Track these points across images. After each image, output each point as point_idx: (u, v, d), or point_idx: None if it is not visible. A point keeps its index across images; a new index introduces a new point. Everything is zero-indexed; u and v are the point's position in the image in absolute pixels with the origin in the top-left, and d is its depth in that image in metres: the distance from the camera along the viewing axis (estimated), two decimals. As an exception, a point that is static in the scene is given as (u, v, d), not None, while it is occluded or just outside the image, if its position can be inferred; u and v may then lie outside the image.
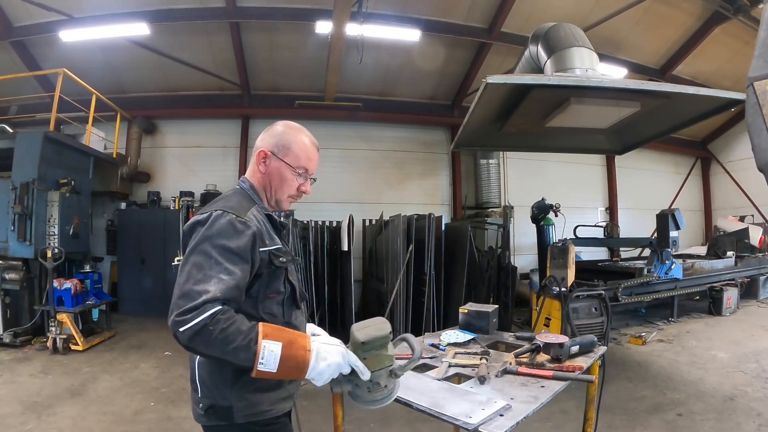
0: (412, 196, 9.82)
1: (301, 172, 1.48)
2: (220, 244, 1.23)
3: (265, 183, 1.49)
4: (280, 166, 1.46)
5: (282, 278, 1.40)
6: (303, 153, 1.48)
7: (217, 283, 1.18)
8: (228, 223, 1.27)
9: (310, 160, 1.50)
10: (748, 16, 7.65)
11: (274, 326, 1.22)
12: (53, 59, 7.78)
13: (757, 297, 8.60)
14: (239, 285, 1.23)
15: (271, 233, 1.42)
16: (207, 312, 1.12)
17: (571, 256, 5.37)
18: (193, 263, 1.22)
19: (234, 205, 1.35)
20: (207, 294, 1.15)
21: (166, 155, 9.43)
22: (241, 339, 1.14)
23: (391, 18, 7.75)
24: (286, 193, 1.49)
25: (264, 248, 1.34)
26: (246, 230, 1.28)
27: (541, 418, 3.51)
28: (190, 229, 1.30)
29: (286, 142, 1.47)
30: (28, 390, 4.39)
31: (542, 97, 4.99)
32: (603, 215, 11.22)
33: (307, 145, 1.49)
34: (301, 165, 1.47)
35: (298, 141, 1.48)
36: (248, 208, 1.37)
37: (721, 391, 4.25)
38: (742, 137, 11.16)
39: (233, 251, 1.24)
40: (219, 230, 1.25)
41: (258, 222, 1.36)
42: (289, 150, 1.46)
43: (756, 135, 1.64)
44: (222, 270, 1.21)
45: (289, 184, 1.48)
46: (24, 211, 6.02)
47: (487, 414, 1.47)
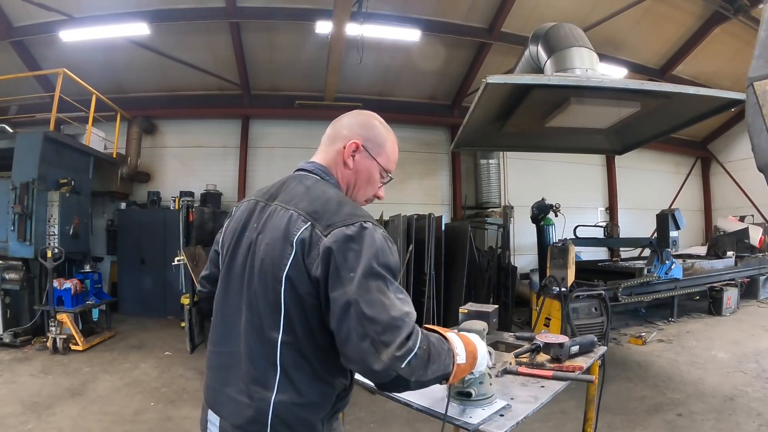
0: (412, 196, 9.81)
1: (385, 177, 1.32)
2: (384, 261, 1.06)
3: (349, 180, 1.29)
4: (372, 166, 1.28)
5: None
6: (393, 155, 1.33)
7: (406, 302, 1.06)
8: (382, 239, 1.09)
9: (395, 164, 1.35)
10: (748, 16, 7.65)
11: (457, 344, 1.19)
12: (53, 59, 7.78)
13: (757, 297, 8.60)
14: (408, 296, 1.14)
15: None
16: (420, 336, 1.03)
17: (571, 256, 5.37)
18: (377, 289, 1.02)
19: (367, 214, 1.15)
20: (411, 318, 1.03)
21: (166, 155, 9.43)
22: (437, 342, 1.10)
23: (391, 18, 7.75)
24: (367, 195, 1.33)
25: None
26: (393, 245, 1.14)
27: (541, 418, 3.51)
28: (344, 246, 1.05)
29: (381, 140, 1.30)
30: (28, 390, 4.39)
31: (542, 97, 4.99)
32: (603, 215, 11.22)
33: (396, 147, 1.35)
34: (390, 168, 1.32)
35: (391, 140, 1.32)
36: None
37: (721, 391, 4.25)
38: (742, 137, 11.16)
39: (396, 268, 1.10)
40: (381, 247, 1.07)
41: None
42: (383, 149, 1.29)
43: (756, 135, 1.64)
44: (396, 288, 1.07)
45: (374, 187, 1.32)
46: (24, 211, 6.02)
47: (487, 414, 1.47)
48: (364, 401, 3.85)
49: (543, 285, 5.71)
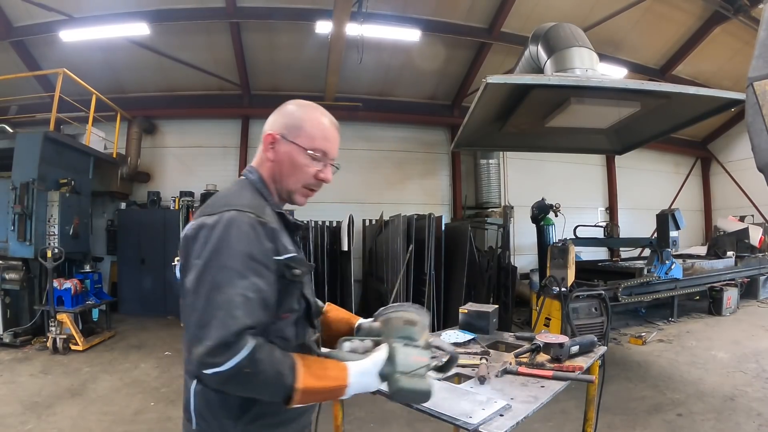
0: (412, 196, 9.82)
1: (317, 156, 1.21)
2: (241, 251, 1.02)
3: (274, 172, 1.23)
4: (291, 150, 1.20)
5: (297, 294, 1.17)
6: (319, 132, 1.22)
7: (245, 305, 0.98)
8: (248, 224, 1.05)
9: (328, 141, 1.23)
10: (748, 16, 7.65)
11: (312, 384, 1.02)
12: (53, 59, 7.78)
13: (757, 297, 8.60)
14: (267, 302, 1.04)
15: (284, 237, 1.18)
16: (243, 353, 0.93)
17: (571, 256, 5.37)
18: (211, 282, 0.99)
19: (248, 202, 1.13)
20: (237, 323, 0.95)
21: (166, 155, 9.43)
22: (276, 379, 0.98)
23: (391, 18, 7.75)
24: (300, 182, 1.23)
25: (278, 257, 1.10)
26: (265, 233, 1.08)
27: (541, 418, 3.51)
28: (195, 234, 1.06)
29: (297, 122, 1.22)
30: (28, 390, 4.39)
31: (542, 97, 4.99)
32: (603, 215, 11.22)
33: (324, 124, 1.24)
34: (317, 147, 1.21)
35: (313, 119, 1.23)
36: (262, 206, 1.15)
37: (721, 391, 4.25)
38: (742, 137, 11.16)
39: (258, 260, 1.03)
40: (238, 234, 1.03)
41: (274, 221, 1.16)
42: (301, 129, 1.21)
43: (756, 135, 1.64)
44: (248, 286, 1.00)
45: (303, 171, 1.21)
46: (24, 211, 6.02)
47: (487, 414, 1.47)
48: (364, 401, 3.84)
49: (543, 285, 5.71)
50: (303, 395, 1.01)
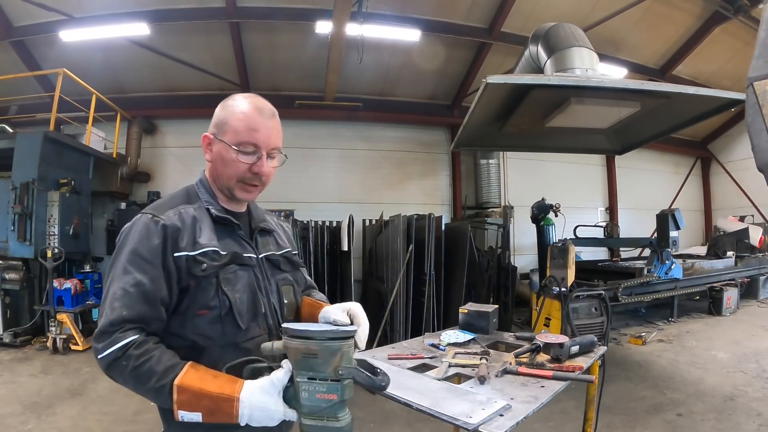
0: (412, 196, 9.81)
1: (248, 150, 1.19)
2: (130, 248, 1.09)
3: (212, 171, 1.28)
4: (221, 149, 1.21)
5: (212, 290, 1.13)
6: (242, 124, 1.19)
7: (124, 298, 1.05)
8: (142, 224, 1.12)
9: (256, 131, 1.19)
10: (748, 16, 7.65)
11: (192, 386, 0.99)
12: (53, 59, 7.78)
13: (757, 297, 8.60)
14: (149, 297, 1.06)
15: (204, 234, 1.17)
16: (118, 343, 1.00)
17: (571, 256, 5.37)
18: (112, 274, 1.10)
19: (159, 204, 1.20)
20: (114, 313, 1.02)
21: (166, 155, 9.43)
22: (154, 382, 0.99)
23: (391, 18, 7.75)
24: (233, 178, 1.21)
25: (180, 253, 1.11)
26: (157, 230, 1.11)
27: (541, 418, 3.51)
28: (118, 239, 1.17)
29: (223, 118, 1.22)
30: (28, 390, 4.39)
31: (542, 97, 4.99)
32: (603, 215, 11.22)
33: (248, 113, 1.20)
34: (243, 140, 1.18)
35: (236, 112, 1.21)
36: (174, 206, 1.19)
37: (721, 391, 4.25)
38: (742, 137, 11.16)
39: (143, 257, 1.08)
40: (133, 234, 1.11)
41: (183, 220, 1.16)
42: (226, 125, 1.20)
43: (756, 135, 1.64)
44: (130, 281, 1.06)
45: (234, 167, 1.20)
46: (24, 211, 6.02)
47: (487, 414, 1.47)
48: (364, 401, 3.85)
49: (543, 285, 5.71)
50: (181, 394, 0.98)
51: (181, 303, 1.12)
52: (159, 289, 1.08)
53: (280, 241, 1.41)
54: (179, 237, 1.13)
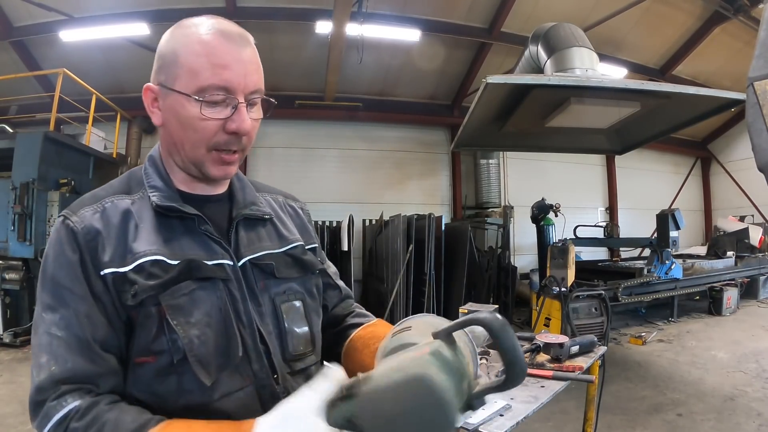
0: (412, 196, 9.81)
1: (216, 99, 0.76)
2: (48, 272, 0.74)
3: (166, 141, 0.84)
4: (173, 103, 0.77)
5: (153, 326, 0.73)
6: (202, 60, 0.75)
7: (50, 347, 0.70)
8: (55, 232, 0.77)
9: (224, 68, 0.75)
10: (748, 16, 7.65)
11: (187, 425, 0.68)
12: (53, 59, 7.78)
13: (757, 297, 8.60)
14: (82, 342, 0.70)
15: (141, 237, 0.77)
16: (53, 418, 0.66)
17: (571, 256, 5.37)
18: (35, 321, 0.75)
19: (82, 198, 0.82)
20: (41, 374, 0.69)
21: (166, 155, 9.44)
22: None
23: (391, 18, 7.75)
24: (201, 146, 0.78)
25: (105, 270, 0.74)
26: (68, 239, 0.75)
27: (541, 418, 3.51)
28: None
29: (171, 56, 0.78)
30: (28, 390, 4.38)
31: (542, 97, 5.00)
32: (603, 215, 11.22)
33: (208, 41, 0.76)
34: (206, 83, 0.75)
35: (189, 42, 0.76)
36: (99, 198, 0.80)
37: (721, 391, 4.25)
38: (742, 137, 11.16)
39: (60, 282, 0.73)
40: (48, 249, 0.77)
41: (106, 220, 0.77)
42: (176, 65, 0.76)
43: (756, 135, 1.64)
44: (53, 321, 0.71)
45: (197, 129, 0.77)
46: (24, 211, 6.02)
47: (487, 414, 1.47)
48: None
49: (543, 285, 5.71)
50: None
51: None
52: (95, 326, 0.71)
53: (284, 232, 0.94)
54: (99, 246, 0.75)
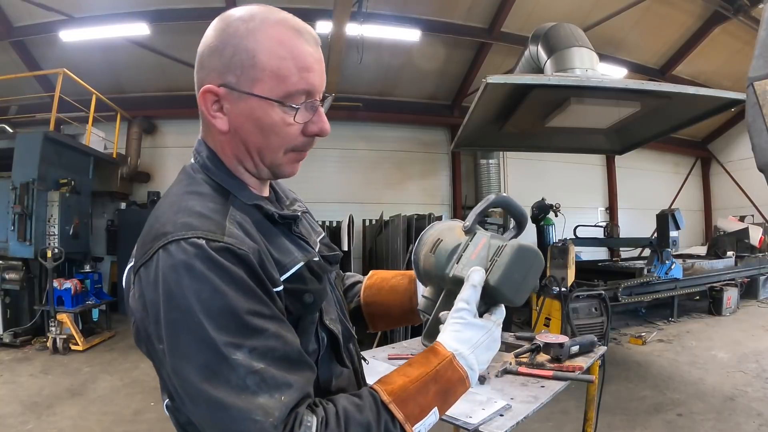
0: (412, 196, 9.82)
1: (298, 105, 0.73)
2: (211, 309, 0.62)
3: (234, 148, 0.78)
4: (254, 108, 0.73)
5: (313, 329, 0.78)
6: (289, 63, 0.72)
7: (263, 385, 0.61)
8: (200, 260, 0.63)
9: (310, 71, 0.74)
10: (748, 16, 7.65)
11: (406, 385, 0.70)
12: (53, 59, 7.78)
13: (757, 297, 8.59)
14: (291, 354, 0.66)
15: (277, 246, 0.76)
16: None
17: (571, 256, 5.37)
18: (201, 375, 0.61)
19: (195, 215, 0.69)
20: (270, 416, 0.60)
21: (166, 155, 9.43)
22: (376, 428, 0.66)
23: (391, 18, 7.75)
24: (280, 150, 0.76)
25: (277, 288, 0.71)
26: (232, 262, 0.65)
27: (541, 418, 3.50)
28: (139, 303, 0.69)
29: (246, 55, 0.71)
30: (28, 390, 4.39)
31: (542, 97, 5.00)
32: (603, 215, 11.22)
33: (292, 47, 0.73)
34: (295, 88, 0.72)
35: (270, 40, 0.72)
36: (224, 214, 0.71)
37: (721, 391, 4.25)
38: (742, 137, 11.16)
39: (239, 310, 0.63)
40: (193, 285, 0.62)
41: (250, 233, 0.71)
42: (255, 69, 0.71)
43: (756, 135, 1.64)
44: (247, 355, 0.62)
45: (282, 134, 0.75)
46: (24, 211, 6.02)
47: (487, 414, 1.47)
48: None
49: (543, 285, 5.71)
50: (403, 405, 0.68)
51: None
52: (294, 338, 0.69)
53: (314, 225, 0.98)
54: (265, 264, 0.69)
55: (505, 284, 0.77)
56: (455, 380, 0.73)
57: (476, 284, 0.75)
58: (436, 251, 0.85)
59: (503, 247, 0.79)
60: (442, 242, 0.85)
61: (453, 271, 0.81)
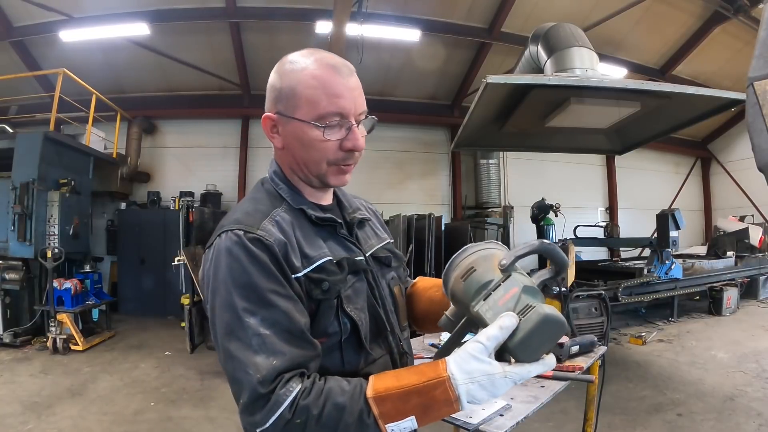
0: (412, 196, 9.82)
1: (333, 123, 0.91)
2: (239, 282, 0.82)
3: (289, 161, 0.99)
4: (296, 129, 0.93)
5: (331, 313, 0.90)
6: (320, 91, 0.90)
7: (263, 347, 0.78)
8: (239, 248, 0.84)
9: (338, 97, 0.91)
10: (748, 16, 7.65)
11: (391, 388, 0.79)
12: (53, 59, 7.78)
13: (757, 297, 8.59)
14: (294, 333, 0.81)
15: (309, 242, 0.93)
16: (284, 402, 0.75)
17: (571, 256, 5.36)
18: (222, 332, 0.82)
19: (245, 213, 0.91)
20: (260, 371, 0.77)
21: (166, 155, 9.43)
22: (348, 415, 0.76)
23: (391, 18, 7.75)
24: (322, 162, 0.95)
25: (297, 274, 0.87)
26: (260, 250, 0.84)
27: (541, 418, 3.51)
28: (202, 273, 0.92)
29: (289, 88, 0.93)
30: (28, 390, 4.39)
31: (542, 97, 5.00)
32: (603, 215, 11.22)
33: (320, 75, 0.91)
34: (324, 111, 0.90)
35: (303, 77, 0.92)
36: (266, 214, 0.92)
37: (721, 391, 4.25)
38: (742, 137, 11.16)
39: (260, 287, 0.82)
40: (231, 264, 0.83)
41: (284, 231, 0.90)
42: (295, 97, 0.92)
43: (756, 135, 1.63)
44: (259, 322, 0.80)
45: (320, 149, 0.93)
46: (24, 211, 6.02)
47: (487, 414, 1.47)
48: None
49: (543, 285, 5.71)
50: (381, 404, 0.77)
51: None
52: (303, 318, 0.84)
53: (378, 231, 1.14)
54: (288, 253, 0.87)
55: (520, 348, 0.77)
56: (441, 400, 0.78)
57: (504, 328, 0.77)
58: (467, 279, 0.86)
59: (530, 308, 0.78)
60: (475, 272, 0.85)
61: (478, 308, 0.82)
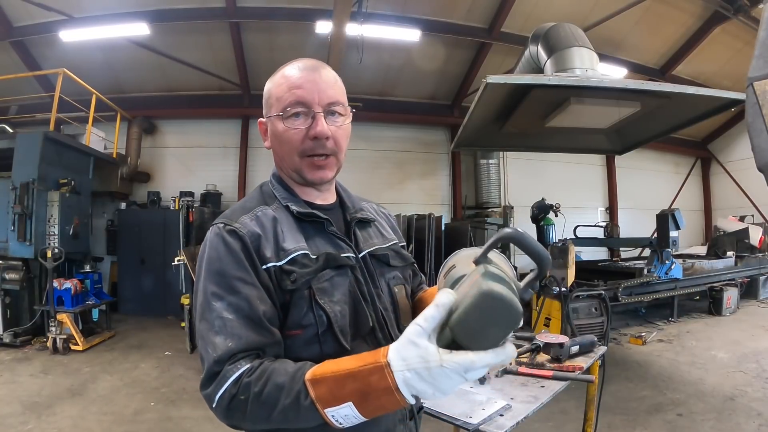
0: (412, 196, 9.82)
1: (296, 111, 0.98)
2: (212, 269, 0.91)
3: (278, 160, 1.08)
4: (272, 127, 1.03)
5: (305, 305, 0.93)
6: (284, 88, 1.00)
7: (223, 329, 0.86)
8: (215, 237, 0.94)
9: (300, 88, 0.99)
10: (748, 16, 7.65)
11: (327, 372, 0.79)
12: (53, 59, 7.78)
13: (757, 297, 8.59)
14: (253, 320, 0.87)
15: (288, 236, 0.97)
16: (230, 377, 0.82)
17: (571, 256, 5.37)
18: (198, 311, 0.92)
19: (232, 210, 1.02)
20: (216, 350, 0.84)
21: (166, 155, 9.43)
22: (285, 395, 0.79)
23: (391, 18, 7.75)
24: (293, 153, 1.01)
25: (267, 264, 0.93)
26: (234, 240, 0.92)
27: (541, 418, 3.51)
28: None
29: (267, 92, 1.06)
30: (28, 390, 4.39)
31: (542, 97, 5.00)
32: (603, 215, 11.22)
33: (289, 74, 1.01)
34: (286, 103, 0.99)
35: (276, 79, 1.04)
36: (249, 210, 0.99)
37: (721, 391, 4.25)
38: (742, 137, 11.16)
39: (228, 274, 0.89)
40: (210, 252, 0.93)
41: (261, 225, 0.97)
42: (271, 98, 1.03)
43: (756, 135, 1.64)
44: (223, 307, 0.87)
45: (287, 139, 1.00)
46: (24, 211, 6.02)
47: (487, 414, 1.47)
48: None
49: (543, 285, 5.71)
50: (317, 386, 0.77)
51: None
52: (264, 306, 0.90)
53: (384, 232, 1.20)
54: (261, 245, 0.94)
55: (460, 330, 0.68)
56: (380, 387, 0.74)
57: (440, 305, 0.71)
58: (447, 277, 0.87)
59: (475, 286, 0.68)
60: (454, 269, 0.87)
61: None
